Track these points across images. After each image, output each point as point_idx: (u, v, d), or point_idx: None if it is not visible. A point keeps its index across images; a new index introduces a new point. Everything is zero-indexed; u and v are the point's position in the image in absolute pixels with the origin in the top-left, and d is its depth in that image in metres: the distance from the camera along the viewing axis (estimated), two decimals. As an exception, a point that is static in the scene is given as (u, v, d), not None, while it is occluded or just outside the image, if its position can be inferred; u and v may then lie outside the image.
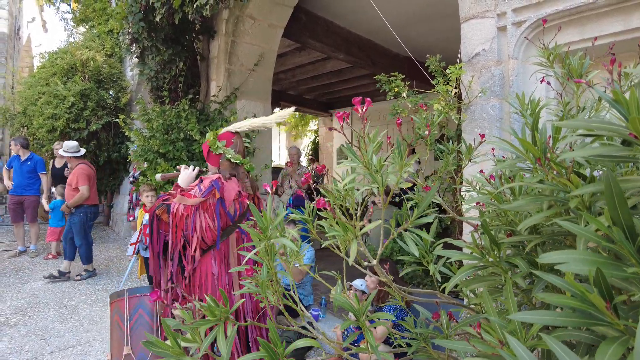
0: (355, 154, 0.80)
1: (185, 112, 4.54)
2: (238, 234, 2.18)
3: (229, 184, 2.16)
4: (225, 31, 4.94)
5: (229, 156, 2.19)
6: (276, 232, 0.82)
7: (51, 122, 6.71)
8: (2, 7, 8.53)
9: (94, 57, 7.10)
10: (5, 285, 5.10)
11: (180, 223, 2.04)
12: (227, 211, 2.12)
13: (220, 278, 2.09)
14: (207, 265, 2.09)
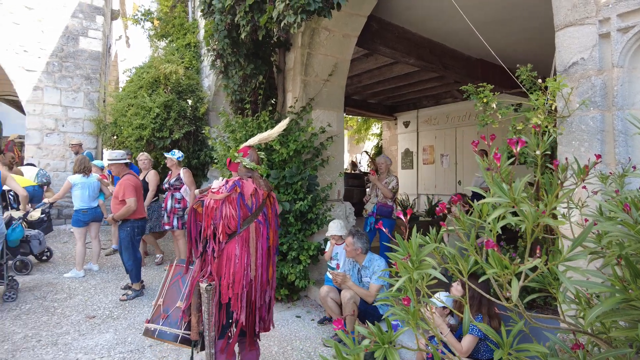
0: (504, 190, 0.83)
1: (266, 124, 4.78)
2: (256, 223, 2.72)
3: (247, 183, 2.74)
4: (301, 44, 5.12)
5: (245, 163, 2.83)
6: (424, 262, 0.88)
7: (139, 131, 7.32)
8: (97, 29, 9.45)
9: (175, 70, 7.64)
10: (106, 280, 5.66)
11: (210, 213, 2.61)
12: (246, 203, 2.68)
13: (242, 258, 2.63)
14: (231, 248, 2.63)
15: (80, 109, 9.23)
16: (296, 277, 4.60)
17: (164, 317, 2.80)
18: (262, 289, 2.74)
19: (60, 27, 9.12)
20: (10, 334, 4.00)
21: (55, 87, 9.01)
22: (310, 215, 4.69)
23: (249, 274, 2.63)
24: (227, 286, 2.60)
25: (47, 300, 4.88)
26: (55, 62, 9.01)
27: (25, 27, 8.77)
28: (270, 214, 2.88)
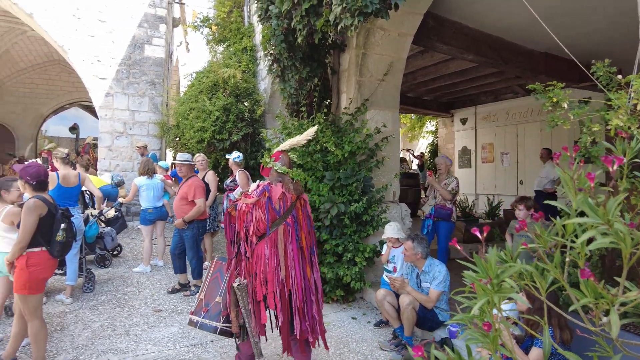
0: (596, 210, 0.77)
1: (321, 125, 4.81)
2: (285, 225, 2.87)
3: (275, 187, 2.90)
4: (355, 44, 5.09)
5: (276, 168, 3.00)
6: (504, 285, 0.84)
7: (200, 134, 7.65)
8: (160, 36, 10.01)
9: (233, 74, 7.90)
10: (170, 276, 5.98)
11: (242, 216, 2.84)
12: (274, 207, 2.84)
13: (271, 258, 2.80)
14: (261, 249, 2.82)
15: (146, 113, 9.82)
16: (352, 278, 4.59)
17: (205, 310, 3.02)
18: (299, 289, 2.85)
19: (128, 37, 9.74)
20: (89, 322, 4.35)
21: (124, 93, 9.64)
22: (366, 217, 4.67)
23: (279, 273, 2.80)
24: (260, 284, 2.80)
25: (119, 292, 5.25)
26: (124, 70, 9.64)
27: (99, 39, 9.45)
28: (300, 216, 2.99)
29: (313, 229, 3.17)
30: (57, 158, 4.88)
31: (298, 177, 3.11)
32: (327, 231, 4.67)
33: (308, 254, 2.99)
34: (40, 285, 3.32)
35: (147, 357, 3.65)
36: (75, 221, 4.50)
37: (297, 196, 3.00)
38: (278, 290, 2.79)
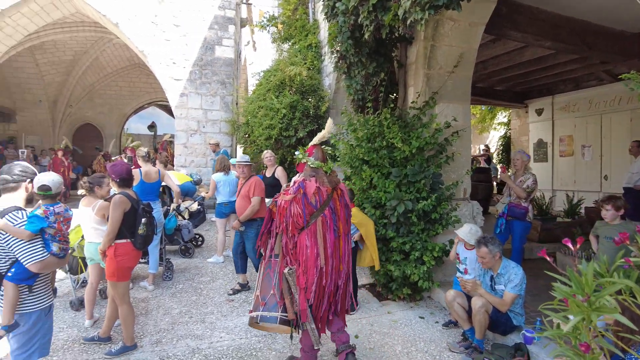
0: None
1: (387, 121, 4.74)
2: (322, 217, 3.06)
3: (310, 183, 3.08)
4: (424, 36, 4.93)
5: (310, 163, 3.17)
6: (603, 304, 0.78)
7: (268, 131, 7.90)
8: (230, 37, 10.45)
9: (299, 72, 8.03)
10: (241, 268, 6.26)
11: (282, 212, 3.06)
12: (310, 202, 3.04)
13: (312, 248, 3.01)
14: (302, 240, 3.03)
15: (217, 112, 10.33)
16: (419, 277, 4.50)
17: (263, 304, 3.16)
18: (335, 276, 3.08)
19: (200, 39, 10.27)
20: (169, 308, 4.69)
21: (197, 92, 10.21)
22: (435, 215, 4.53)
23: (319, 262, 3.00)
24: (302, 273, 3.02)
25: (195, 281, 5.59)
26: (196, 71, 10.20)
27: (174, 42, 10.08)
28: (337, 206, 3.16)
29: (350, 217, 3.32)
30: (140, 156, 5.29)
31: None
32: (393, 228, 4.61)
33: (344, 242, 3.17)
34: (127, 274, 3.65)
35: (222, 344, 3.86)
36: (156, 215, 4.85)
37: (333, 188, 3.15)
38: (316, 278, 2.99)
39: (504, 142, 13.84)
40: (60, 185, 2.79)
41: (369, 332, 4.16)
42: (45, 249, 2.57)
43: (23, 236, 2.48)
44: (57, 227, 2.66)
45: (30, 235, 2.49)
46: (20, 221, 2.50)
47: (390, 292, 4.89)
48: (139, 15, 9.83)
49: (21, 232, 2.47)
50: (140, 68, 17.48)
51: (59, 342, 3.79)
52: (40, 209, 2.63)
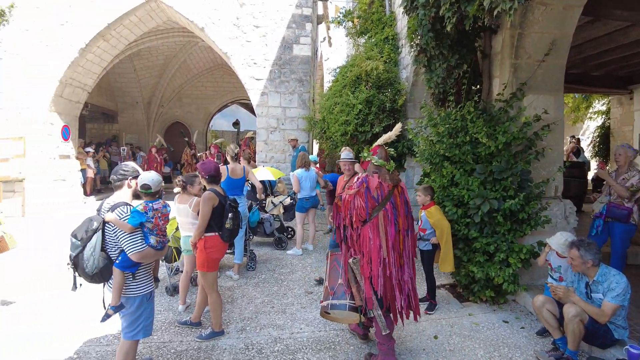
0: None
1: (470, 115, 4.54)
2: (384, 211, 3.26)
3: (372, 179, 3.34)
4: (510, 24, 4.62)
5: (374, 161, 3.42)
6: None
7: (344, 127, 7.94)
8: (307, 35, 10.68)
9: (376, 66, 7.95)
10: (319, 260, 6.42)
11: (347, 205, 3.34)
12: (372, 196, 3.27)
13: (374, 240, 3.22)
14: (366, 232, 3.25)
15: (295, 109, 10.64)
16: (504, 280, 4.27)
17: (332, 293, 3.44)
18: (397, 267, 3.25)
19: (279, 39, 10.62)
20: (252, 298, 4.97)
21: (276, 91, 10.60)
22: (522, 215, 4.24)
23: (382, 253, 3.19)
24: (367, 263, 3.21)
25: (276, 273, 5.85)
26: (276, 70, 10.57)
27: (254, 43, 10.55)
28: (398, 202, 3.34)
29: (411, 214, 3.46)
30: (229, 156, 5.65)
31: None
32: (476, 228, 4.41)
33: (404, 237, 3.32)
34: (215, 264, 3.94)
35: (302, 335, 4.01)
36: (240, 209, 5.16)
37: (394, 185, 3.36)
38: (380, 268, 3.18)
39: (601, 133, 12.52)
40: (159, 184, 3.09)
41: (448, 333, 4.06)
42: (144, 241, 2.88)
43: (125, 228, 2.81)
44: (155, 222, 2.95)
45: (131, 228, 2.81)
46: (125, 215, 2.84)
47: (471, 293, 4.71)
48: (222, 19, 10.43)
49: (124, 224, 2.81)
50: (223, 68, 18.52)
51: (157, 324, 4.20)
52: (140, 205, 2.94)
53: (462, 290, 4.87)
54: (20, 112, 10.10)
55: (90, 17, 10.17)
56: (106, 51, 11.24)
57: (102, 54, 11.20)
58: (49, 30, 10.13)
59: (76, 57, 10.27)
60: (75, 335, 3.99)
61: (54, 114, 10.48)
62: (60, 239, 5.54)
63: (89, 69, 11.18)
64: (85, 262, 2.81)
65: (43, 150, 10.26)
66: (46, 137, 10.27)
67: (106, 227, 2.87)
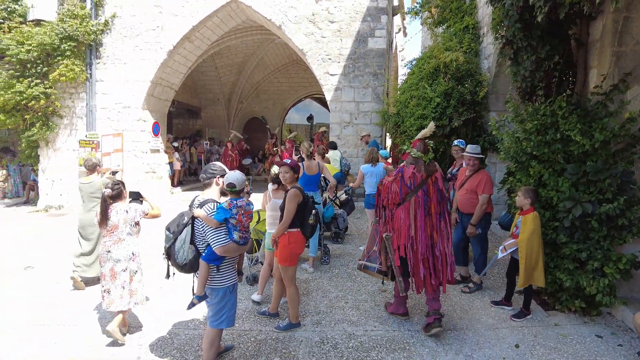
0: None
1: (562, 110, 4.19)
2: (415, 197, 3.85)
3: (407, 169, 3.93)
4: (613, 8, 4.18)
5: (412, 153, 3.93)
6: None
7: (420, 121, 7.76)
8: (382, 27, 10.52)
9: (456, 57, 7.63)
10: (391, 259, 6.39)
11: (385, 189, 4.00)
12: (406, 183, 3.89)
13: (405, 220, 3.85)
14: (398, 213, 3.90)
15: (369, 103, 10.58)
16: (598, 291, 3.92)
17: (366, 256, 4.31)
18: (425, 244, 3.81)
19: (353, 33, 10.59)
20: (327, 291, 5.09)
21: (350, 86, 10.61)
22: (622, 221, 3.83)
23: (410, 231, 3.81)
24: (397, 237, 3.87)
25: (349, 268, 5.92)
26: (350, 65, 10.58)
27: (329, 38, 10.63)
28: (431, 190, 3.86)
29: (445, 200, 3.94)
30: (303, 152, 5.80)
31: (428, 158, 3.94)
32: (566, 233, 4.09)
33: (436, 220, 3.85)
34: (296, 259, 4.09)
35: (376, 333, 4.04)
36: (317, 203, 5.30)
37: (428, 175, 3.88)
38: (409, 243, 3.80)
39: None
40: (243, 182, 3.29)
41: (531, 343, 3.84)
42: (228, 236, 3.10)
43: (211, 224, 3.05)
44: (239, 218, 3.15)
45: (217, 223, 3.05)
46: (212, 211, 3.08)
47: (558, 302, 4.39)
48: (298, 16, 10.66)
49: (210, 220, 3.05)
50: (298, 64, 18.94)
51: (238, 312, 4.42)
52: (226, 202, 3.15)
53: (547, 298, 4.56)
54: (120, 112, 11.23)
55: (177, 21, 10.97)
56: (191, 52, 12.03)
57: (187, 55, 12.01)
58: (142, 36, 11.11)
59: (165, 58, 11.13)
60: (165, 318, 4.40)
61: (146, 112, 11.48)
62: (155, 227, 6.07)
63: (175, 69, 12.07)
64: (176, 254, 3.10)
65: (137, 146, 11.33)
66: (139, 133, 11.31)
67: (195, 222, 3.13)
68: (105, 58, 11.21)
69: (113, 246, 3.95)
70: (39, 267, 6.10)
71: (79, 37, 10.62)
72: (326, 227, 6.67)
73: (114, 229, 3.95)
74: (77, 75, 10.72)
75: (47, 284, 5.44)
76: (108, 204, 3.98)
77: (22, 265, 6.15)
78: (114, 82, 11.22)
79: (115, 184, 4.08)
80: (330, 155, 8.74)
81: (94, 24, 10.86)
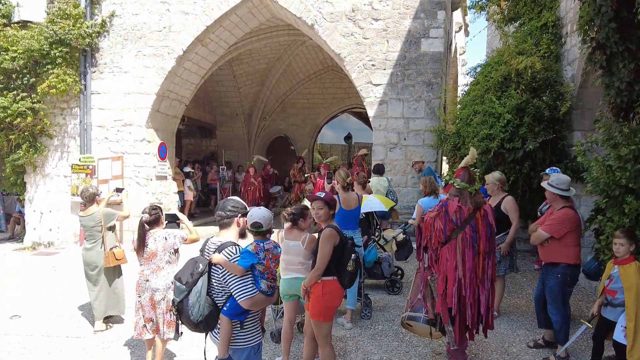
0: None
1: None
2: (463, 234, 4.16)
3: (452, 202, 4.25)
4: None
5: (456, 184, 4.29)
6: None
7: (485, 143, 7.83)
8: (438, 26, 10.72)
9: (531, 63, 7.70)
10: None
11: (427, 227, 4.33)
12: (451, 219, 4.18)
13: (451, 261, 4.18)
14: (444, 252, 4.25)
15: (421, 120, 10.74)
16: None
17: (410, 307, 4.68)
18: (472, 287, 4.16)
19: (403, 33, 10.85)
20: (369, 352, 5.20)
21: (398, 98, 10.84)
22: None
23: (458, 273, 4.12)
24: (442, 281, 4.22)
25: (396, 324, 5.98)
26: (398, 72, 10.83)
27: (372, 40, 10.93)
28: (479, 225, 4.19)
29: (494, 236, 4.32)
30: (338, 183, 5.93)
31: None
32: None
33: (484, 259, 4.20)
34: (332, 313, 4.23)
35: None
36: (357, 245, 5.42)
37: (476, 208, 4.20)
38: (455, 287, 4.13)
39: None
40: (270, 221, 3.50)
41: None
42: (255, 286, 3.22)
43: (236, 271, 3.18)
44: (266, 264, 3.33)
45: (243, 270, 3.18)
46: (235, 256, 3.21)
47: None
48: (335, 13, 10.99)
49: (235, 267, 3.18)
50: (334, 71, 19.46)
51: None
52: (251, 245, 3.35)
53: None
54: (120, 130, 11.79)
55: (188, 21, 11.49)
56: (205, 57, 12.57)
57: (200, 61, 12.58)
58: (146, 38, 11.68)
59: (173, 66, 11.63)
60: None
61: (150, 131, 12.00)
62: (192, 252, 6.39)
63: (186, 79, 12.64)
64: (191, 309, 3.17)
65: (140, 171, 11.82)
66: (143, 156, 11.82)
67: (212, 270, 3.26)
68: (102, 66, 11.81)
69: (152, 275, 4.56)
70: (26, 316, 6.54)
71: (71, 41, 11.10)
72: (367, 274, 6.78)
73: (152, 257, 4.56)
74: (69, 87, 11.21)
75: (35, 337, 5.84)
76: (145, 230, 4.58)
77: (7, 314, 6.60)
78: (112, 95, 11.77)
79: (153, 208, 4.69)
80: (375, 184, 8.89)
81: (89, 25, 11.38)
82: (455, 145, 9.50)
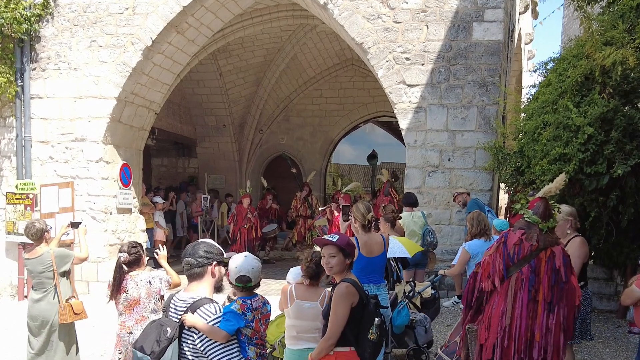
0: None
1: None
2: (518, 274, 4.21)
3: (513, 235, 4.36)
4: None
5: (526, 216, 4.38)
6: None
7: (558, 165, 7.75)
8: (496, 5, 10.50)
9: (623, 56, 7.63)
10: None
11: (487, 268, 4.38)
12: (508, 252, 4.28)
13: (498, 305, 4.27)
14: (493, 296, 4.37)
15: (472, 133, 10.63)
16: None
17: (445, 346, 5.59)
18: (523, 341, 4.16)
19: (448, 15, 10.78)
20: None
21: (441, 104, 10.75)
22: None
23: (504, 321, 4.17)
24: (485, 328, 4.30)
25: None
26: (442, 69, 10.77)
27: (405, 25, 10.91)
28: (542, 267, 4.21)
29: (562, 285, 4.23)
30: (357, 221, 5.81)
31: None
32: None
33: (543, 310, 4.17)
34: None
35: None
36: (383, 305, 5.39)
37: (542, 247, 4.23)
38: (499, 337, 4.18)
39: None
40: (259, 272, 3.54)
41: None
42: (242, 354, 3.24)
43: (218, 337, 3.18)
44: (255, 326, 3.36)
45: (227, 336, 3.19)
46: (214, 317, 3.20)
47: None
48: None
49: (217, 332, 3.18)
50: (354, 66, 19.55)
51: None
52: (236, 303, 3.38)
53: None
54: (69, 148, 11.75)
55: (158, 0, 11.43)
56: (181, 49, 12.53)
57: (174, 54, 12.53)
58: (102, 23, 11.65)
59: (139, 60, 11.59)
60: None
61: (109, 148, 11.94)
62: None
63: (157, 78, 12.61)
64: None
65: (96, 202, 11.73)
66: (100, 182, 11.74)
67: (184, 335, 3.26)
68: (44, 61, 11.85)
69: (135, 326, 4.69)
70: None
71: (2, 28, 11.05)
72: (396, 342, 6.72)
73: (134, 305, 4.72)
74: (1, 90, 11.21)
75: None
76: (124, 273, 4.76)
77: None
78: (58, 100, 11.77)
79: (133, 246, 4.88)
80: (407, 220, 8.82)
81: (26, 6, 11.34)
82: (517, 169, 9.42)
